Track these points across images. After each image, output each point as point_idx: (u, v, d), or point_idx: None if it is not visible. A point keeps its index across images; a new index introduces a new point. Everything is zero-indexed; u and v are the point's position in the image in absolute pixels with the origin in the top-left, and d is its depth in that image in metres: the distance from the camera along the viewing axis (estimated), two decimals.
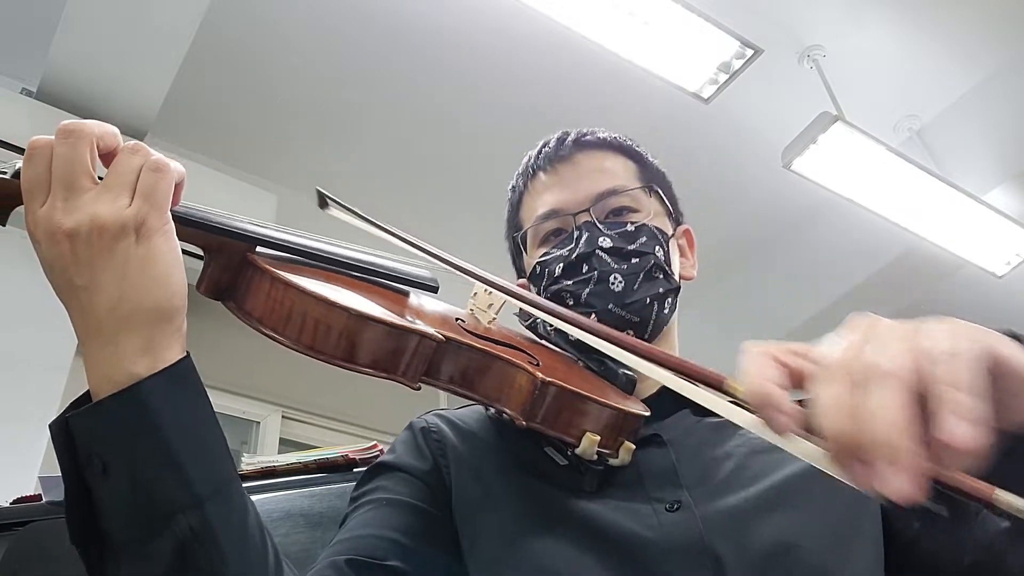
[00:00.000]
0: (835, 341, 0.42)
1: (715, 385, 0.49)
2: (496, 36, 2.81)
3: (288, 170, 3.18)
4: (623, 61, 2.53)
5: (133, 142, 0.57)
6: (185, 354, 0.57)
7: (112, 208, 0.54)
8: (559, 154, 0.94)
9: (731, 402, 0.47)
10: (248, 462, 1.40)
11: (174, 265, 0.57)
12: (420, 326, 0.65)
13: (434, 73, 2.95)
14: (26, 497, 1.28)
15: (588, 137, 0.95)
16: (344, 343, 0.61)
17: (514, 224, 0.99)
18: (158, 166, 0.57)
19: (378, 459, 0.85)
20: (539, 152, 0.96)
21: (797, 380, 0.43)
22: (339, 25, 2.78)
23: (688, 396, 0.51)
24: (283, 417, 3.35)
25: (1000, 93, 3.10)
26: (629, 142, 0.98)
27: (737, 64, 2.59)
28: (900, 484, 0.35)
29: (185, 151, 2.92)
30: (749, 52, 2.55)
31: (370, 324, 0.62)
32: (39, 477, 1.29)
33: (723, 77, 2.63)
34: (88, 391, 0.56)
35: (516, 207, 0.98)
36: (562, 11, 2.38)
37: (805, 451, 0.41)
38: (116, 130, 0.58)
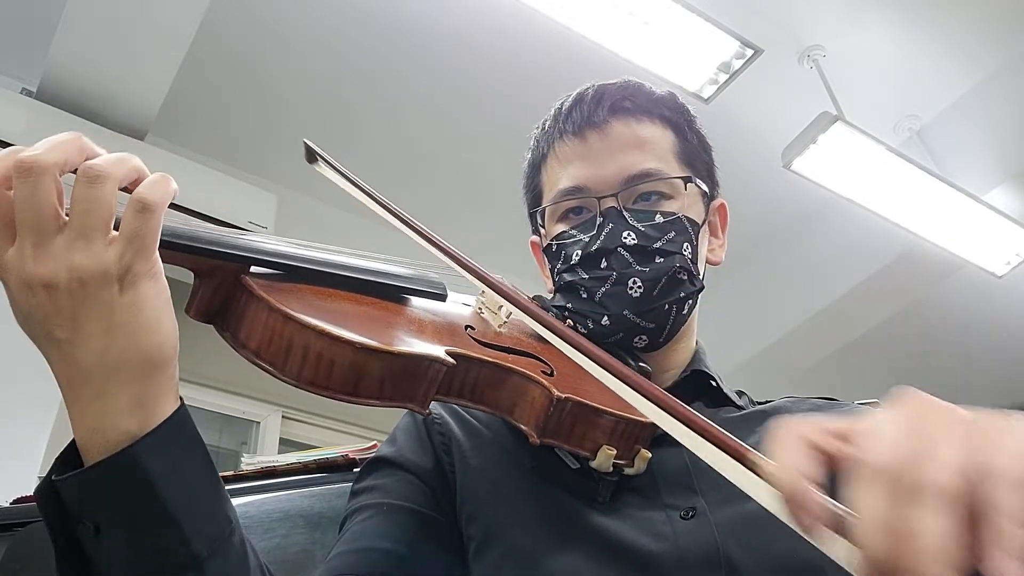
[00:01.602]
0: (882, 426, 0.37)
1: (737, 457, 0.45)
2: (496, 36, 2.80)
3: (288, 170, 3.18)
4: (623, 61, 2.53)
5: (95, 170, 0.48)
6: (179, 403, 0.53)
7: (90, 255, 0.47)
8: (592, 120, 0.84)
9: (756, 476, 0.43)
10: (248, 462, 1.39)
11: (163, 309, 0.51)
12: (430, 350, 0.60)
13: (434, 73, 2.95)
14: (26, 497, 1.28)
15: (627, 103, 0.86)
16: (350, 378, 0.56)
17: (533, 186, 0.91)
18: (144, 205, 0.49)
19: (379, 451, 0.81)
20: (570, 111, 0.87)
21: (835, 465, 0.39)
22: (339, 25, 2.78)
23: (706, 460, 0.47)
24: (283, 417, 3.35)
25: (1000, 93, 3.10)
26: (670, 108, 0.89)
27: (737, 64, 2.59)
28: None
29: (185, 151, 2.92)
30: (749, 52, 2.54)
31: (377, 356, 0.57)
32: (39, 477, 1.29)
33: (723, 77, 2.63)
34: (72, 441, 0.51)
35: (537, 168, 0.90)
36: (562, 11, 2.38)
37: (834, 550, 0.36)
38: (81, 142, 0.50)
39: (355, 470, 1.33)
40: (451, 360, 0.61)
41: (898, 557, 0.33)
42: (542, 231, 0.89)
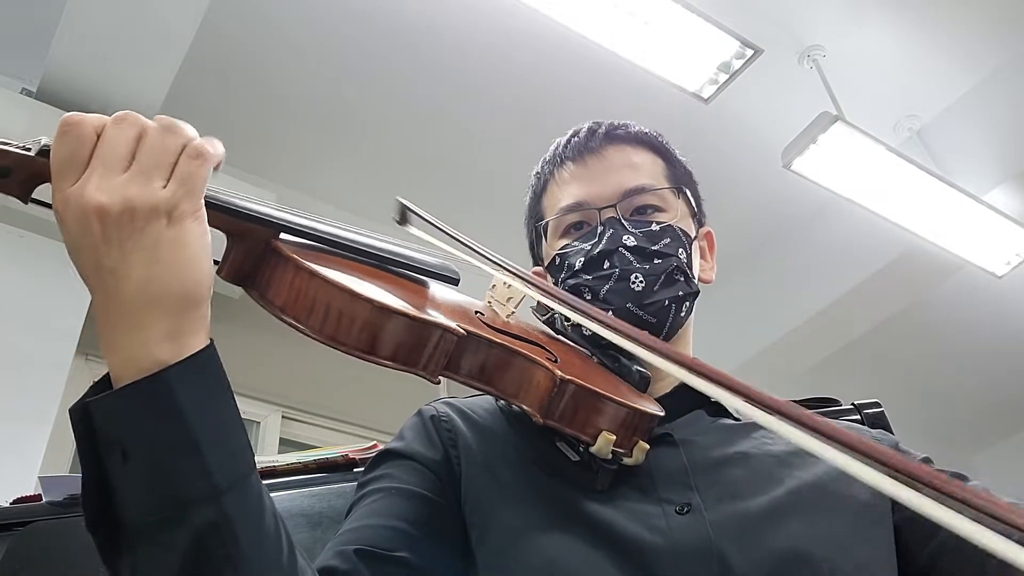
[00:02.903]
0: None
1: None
2: (496, 36, 2.81)
3: (288, 170, 3.18)
4: (623, 61, 2.53)
5: (172, 123, 0.57)
6: (209, 341, 0.56)
7: (145, 190, 0.53)
8: (589, 146, 0.92)
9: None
10: None
11: (204, 250, 0.56)
12: (442, 319, 0.64)
13: (434, 73, 2.95)
14: (26, 497, 1.28)
15: (620, 131, 0.94)
16: (366, 335, 0.60)
17: (535, 212, 0.98)
18: (200, 152, 0.56)
19: (386, 446, 0.84)
20: (568, 141, 0.95)
21: None
22: (339, 25, 2.78)
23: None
24: (283, 417, 3.35)
25: (1000, 93, 3.10)
26: (660, 139, 0.97)
27: (737, 64, 2.59)
28: None
29: None
30: (749, 52, 2.54)
31: (393, 316, 0.61)
32: (39, 477, 1.29)
33: (723, 77, 2.63)
34: (107, 376, 0.55)
35: (539, 195, 0.97)
36: (562, 11, 2.38)
37: None
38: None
39: (355, 470, 1.33)
40: (462, 331, 0.64)
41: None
42: (545, 249, 0.94)
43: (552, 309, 0.82)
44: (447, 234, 0.74)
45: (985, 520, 0.41)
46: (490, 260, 0.72)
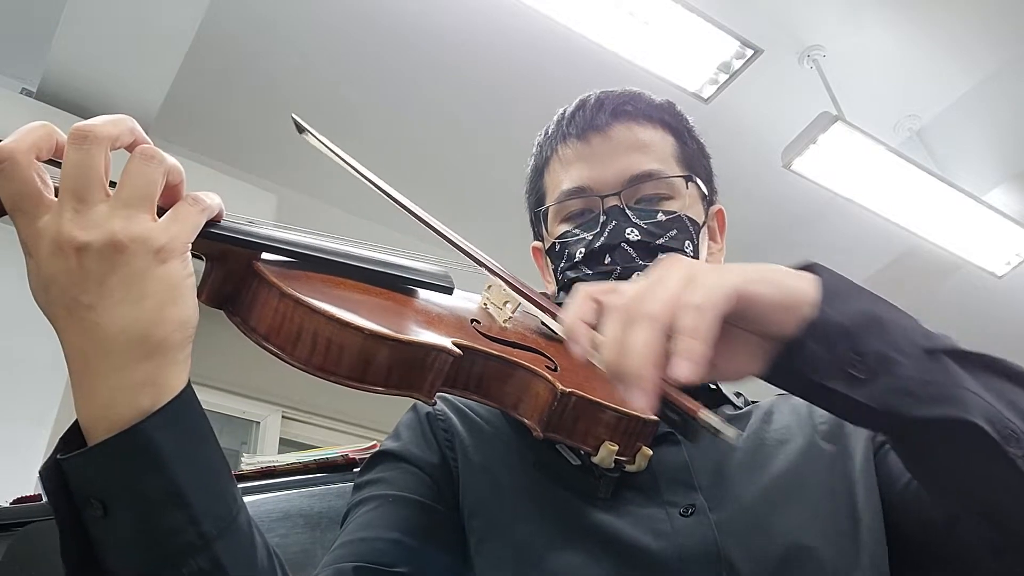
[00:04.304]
0: (638, 281, 0.52)
1: (550, 313, 0.67)
2: (496, 36, 2.81)
3: (288, 170, 3.18)
4: (623, 61, 2.53)
5: (153, 152, 0.51)
6: (188, 381, 0.52)
7: (131, 224, 0.49)
8: (594, 123, 0.86)
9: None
10: (248, 462, 1.40)
11: (189, 288, 0.52)
12: (436, 340, 0.61)
13: (434, 73, 2.95)
14: (26, 497, 1.28)
15: (628, 107, 0.88)
16: (358, 364, 0.57)
17: (536, 189, 0.93)
18: (205, 208, 0.52)
19: (383, 445, 0.82)
20: (573, 115, 0.89)
21: (604, 310, 0.53)
22: (339, 25, 2.78)
23: (546, 321, 0.69)
24: (283, 417, 3.35)
25: (1000, 93, 3.10)
26: (670, 114, 0.91)
27: (737, 64, 2.59)
28: (642, 401, 0.47)
29: (185, 151, 2.92)
30: (749, 52, 2.55)
31: (386, 344, 0.57)
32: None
33: (723, 77, 2.63)
34: (75, 426, 0.50)
35: (541, 170, 0.92)
36: (562, 11, 2.38)
37: (601, 369, 0.52)
38: (133, 124, 0.52)
39: (355, 470, 1.33)
40: (458, 351, 0.62)
41: (620, 362, 0.48)
42: (545, 233, 0.90)
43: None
44: (346, 161, 0.72)
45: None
46: (403, 206, 0.71)
